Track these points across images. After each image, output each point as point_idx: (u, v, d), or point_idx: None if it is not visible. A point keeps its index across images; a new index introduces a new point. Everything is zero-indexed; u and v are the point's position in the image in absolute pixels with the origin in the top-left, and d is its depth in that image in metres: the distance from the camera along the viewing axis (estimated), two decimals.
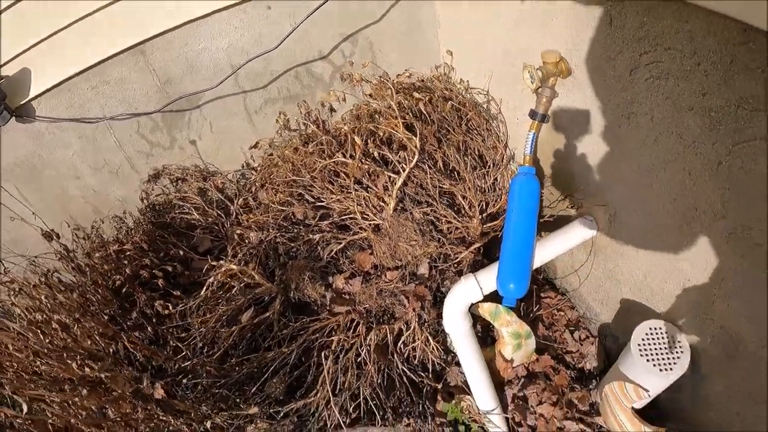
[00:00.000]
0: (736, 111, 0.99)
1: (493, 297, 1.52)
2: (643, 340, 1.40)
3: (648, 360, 1.37)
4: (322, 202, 1.64)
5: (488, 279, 1.44)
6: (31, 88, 1.75)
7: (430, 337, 1.54)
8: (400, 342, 1.56)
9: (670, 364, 1.37)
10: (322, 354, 1.52)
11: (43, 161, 1.90)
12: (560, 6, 1.31)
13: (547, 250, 1.49)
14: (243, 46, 1.81)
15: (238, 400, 1.50)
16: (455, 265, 1.59)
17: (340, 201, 1.62)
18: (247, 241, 1.70)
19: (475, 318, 1.62)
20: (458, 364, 1.64)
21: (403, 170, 1.55)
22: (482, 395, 1.52)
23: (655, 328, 1.41)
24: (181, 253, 1.80)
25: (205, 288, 1.62)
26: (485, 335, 1.70)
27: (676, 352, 1.38)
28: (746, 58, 0.92)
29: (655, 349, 1.39)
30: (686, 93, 1.08)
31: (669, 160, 1.20)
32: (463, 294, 1.45)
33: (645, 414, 1.45)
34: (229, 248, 1.75)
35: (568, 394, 1.60)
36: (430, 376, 1.59)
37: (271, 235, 1.62)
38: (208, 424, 1.49)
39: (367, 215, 1.59)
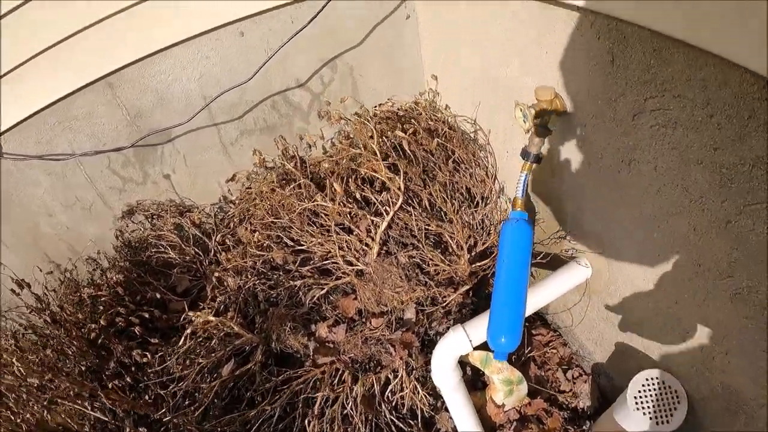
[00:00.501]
0: (750, 170, 0.88)
1: (484, 342, 1.44)
2: (639, 392, 1.33)
3: (645, 413, 1.31)
4: (302, 245, 1.55)
5: (478, 330, 1.37)
6: None
7: (418, 385, 1.47)
8: (388, 390, 1.49)
9: (666, 416, 1.31)
10: (309, 406, 1.45)
11: (11, 199, 1.79)
12: (555, 38, 1.21)
13: (540, 297, 1.41)
14: (216, 76, 1.68)
15: None
16: (443, 307, 1.51)
17: (321, 244, 1.53)
18: (225, 285, 1.61)
19: (464, 363, 1.55)
20: (447, 410, 1.58)
21: (387, 213, 1.46)
22: None
23: (652, 378, 1.35)
24: (158, 295, 1.71)
25: (183, 338, 1.54)
26: (475, 379, 1.63)
27: (673, 404, 1.32)
28: (767, 116, 0.83)
29: (652, 400, 1.33)
30: (696, 145, 0.97)
31: (673, 213, 1.10)
32: (452, 346, 1.37)
33: None
34: (208, 288, 1.66)
35: None
36: (419, 423, 1.53)
37: (251, 282, 1.54)
38: None
39: (350, 260, 1.50)
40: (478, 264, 1.55)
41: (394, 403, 1.51)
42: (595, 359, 1.61)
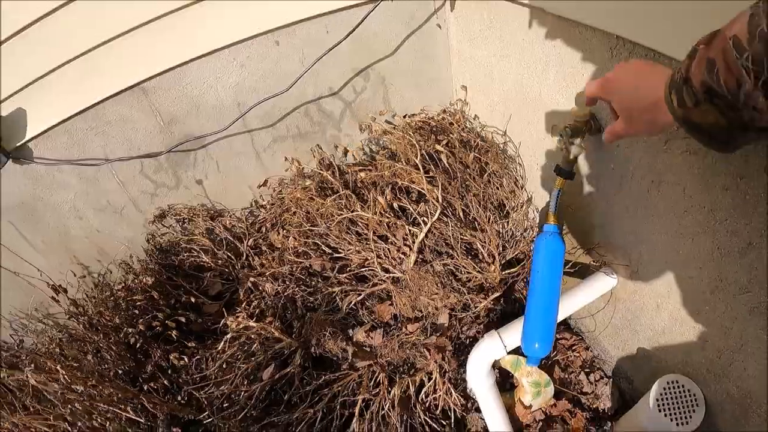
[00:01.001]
0: None
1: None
2: (661, 395, 1.41)
3: (666, 415, 1.39)
4: (340, 252, 1.58)
5: (512, 336, 1.42)
6: (27, 129, 1.63)
7: (452, 388, 1.53)
8: (422, 392, 1.55)
9: (686, 418, 1.39)
10: (346, 407, 1.50)
11: (44, 203, 1.78)
12: (593, 57, 1.25)
13: (569, 305, 1.47)
14: (251, 84, 1.69)
15: None
16: (473, 313, 1.57)
17: (358, 252, 1.57)
18: (261, 290, 1.65)
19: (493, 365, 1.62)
20: (478, 410, 1.65)
21: (425, 223, 1.50)
22: None
23: (673, 382, 1.43)
24: (192, 299, 1.74)
25: (223, 343, 1.57)
26: (504, 380, 1.70)
27: (692, 406, 1.40)
28: None
29: (672, 403, 1.41)
30: (723, 174, 1.02)
31: (698, 232, 1.15)
32: (487, 351, 1.43)
33: None
34: (240, 291, 1.69)
35: None
36: (452, 423, 1.59)
37: (290, 290, 1.57)
38: None
39: (387, 267, 1.54)
40: (507, 272, 1.61)
41: (427, 404, 1.57)
42: (616, 363, 1.68)
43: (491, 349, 1.42)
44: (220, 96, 1.69)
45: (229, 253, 1.80)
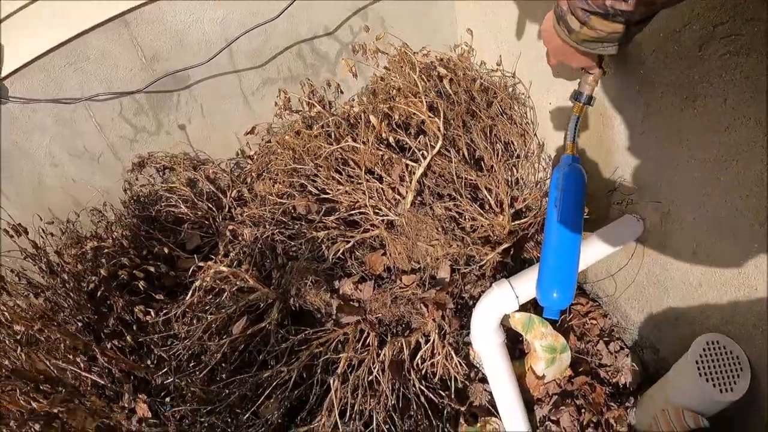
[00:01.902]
0: None
1: (522, 306, 1.22)
2: (701, 356, 1.11)
3: (708, 380, 1.08)
4: (328, 194, 1.31)
5: (525, 285, 1.13)
6: (2, 66, 1.41)
7: (452, 351, 1.23)
8: (418, 357, 1.25)
9: (729, 384, 1.08)
10: (329, 372, 1.20)
11: (18, 148, 1.54)
12: None
13: (590, 253, 1.19)
14: (239, 19, 1.46)
15: (229, 430, 1.17)
16: (478, 269, 1.28)
17: (348, 193, 1.30)
18: (240, 238, 1.37)
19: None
20: (482, 380, 1.33)
21: (424, 157, 1.23)
22: (513, 418, 1.21)
23: (713, 343, 1.12)
24: (166, 251, 1.46)
25: (190, 293, 1.29)
26: (513, 348, 1.39)
27: (736, 370, 1.09)
28: None
29: (714, 367, 1.09)
30: None
31: (743, 150, 0.90)
32: (496, 302, 1.13)
33: None
34: (220, 246, 1.41)
35: (606, 414, 1.30)
36: (452, 395, 1.28)
37: (268, 232, 1.30)
38: None
39: (380, 209, 1.27)
40: (517, 222, 1.33)
41: (423, 371, 1.26)
42: (639, 331, 1.37)
43: (501, 299, 1.12)
44: (206, 31, 1.46)
45: (210, 204, 1.54)
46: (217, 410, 1.15)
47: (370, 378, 1.21)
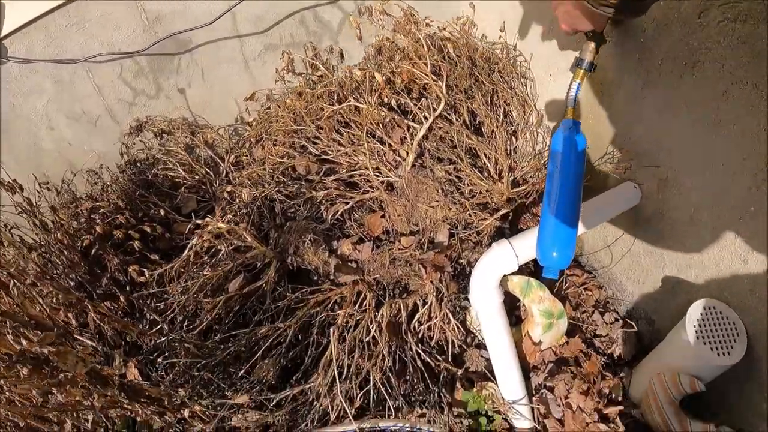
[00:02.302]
0: None
1: (520, 271, 1.18)
2: (698, 321, 1.08)
3: (705, 343, 1.05)
4: (328, 155, 1.27)
5: (525, 246, 1.09)
6: (3, 25, 1.35)
7: (450, 315, 1.19)
8: (414, 320, 1.21)
9: (727, 348, 1.05)
10: (326, 330, 1.15)
11: (15, 109, 1.47)
12: None
13: (588, 220, 1.16)
14: None
15: (223, 385, 1.11)
16: (476, 234, 1.24)
17: (348, 155, 1.25)
18: (238, 199, 1.32)
19: None
20: (479, 346, 1.29)
21: (426, 119, 1.19)
22: (510, 383, 1.17)
23: (711, 308, 1.09)
24: (162, 213, 1.40)
25: (187, 249, 1.23)
26: (509, 315, 1.34)
27: (733, 335, 1.06)
28: None
29: (711, 331, 1.07)
30: (766, 38, 0.79)
31: (741, 114, 0.89)
32: (497, 261, 1.09)
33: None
34: (217, 209, 1.36)
35: (599, 383, 1.26)
36: (449, 359, 1.24)
37: (267, 191, 1.24)
38: (186, 413, 1.11)
39: (380, 171, 1.23)
40: (516, 190, 1.29)
41: (420, 335, 1.22)
42: (634, 301, 1.34)
43: (501, 258, 1.08)
44: None
45: (207, 169, 1.48)
46: (211, 366, 1.09)
47: (368, 339, 1.16)
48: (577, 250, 1.47)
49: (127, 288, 1.30)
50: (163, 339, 1.16)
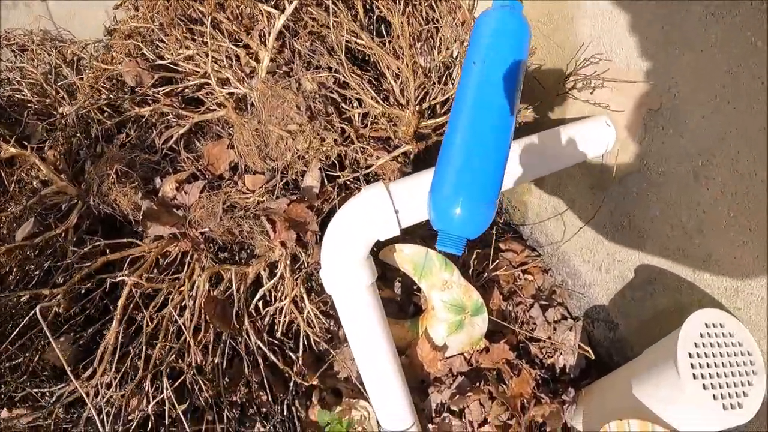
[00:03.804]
0: None
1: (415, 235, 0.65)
2: (697, 346, 0.54)
3: (705, 386, 0.51)
4: (165, 60, 0.76)
5: (413, 196, 0.57)
6: None
7: (305, 294, 0.68)
8: (258, 297, 0.70)
9: (736, 395, 0.51)
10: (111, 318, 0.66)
11: None
12: None
13: (529, 162, 0.62)
14: None
15: None
16: (364, 178, 0.72)
17: (191, 58, 0.75)
18: (60, 117, 0.83)
19: (386, 270, 0.76)
20: None
21: (290, 2, 0.67)
22: (389, 406, 0.65)
23: (717, 326, 0.55)
24: None
25: None
26: (405, 300, 0.82)
27: (746, 373, 0.53)
28: None
29: (714, 364, 0.53)
30: None
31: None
32: (363, 218, 0.58)
33: None
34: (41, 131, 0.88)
35: (531, 410, 0.74)
36: (309, 360, 0.73)
37: (80, 104, 0.75)
38: None
39: (229, 81, 0.71)
40: (427, 123, 0.76)
41: (267, 321, 0.71)
42: (592, 295, 0.80)
43: (371, 210, 0.56)
44: None
45: (65, 93, 0.99)
46: None
47: (183, 321, 0.65)
48: (519, 215, 0.92)
49: None
50: None
